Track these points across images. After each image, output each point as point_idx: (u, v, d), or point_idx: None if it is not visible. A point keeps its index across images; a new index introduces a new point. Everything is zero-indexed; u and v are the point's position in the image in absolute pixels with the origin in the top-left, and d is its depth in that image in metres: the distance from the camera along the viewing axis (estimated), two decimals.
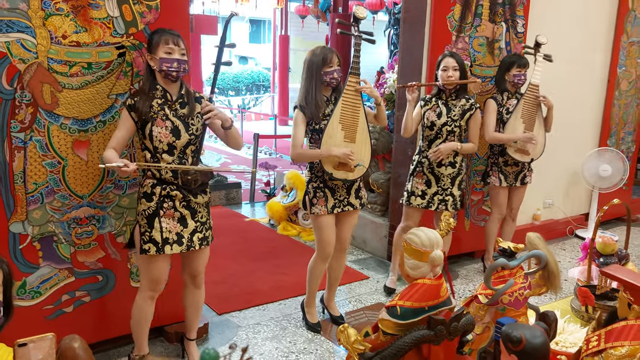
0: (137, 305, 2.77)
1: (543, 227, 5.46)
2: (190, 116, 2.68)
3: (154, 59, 2.59)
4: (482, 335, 1.69)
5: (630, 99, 6.10)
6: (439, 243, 1.52)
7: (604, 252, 2.28)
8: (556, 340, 2.00)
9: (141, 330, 2.82)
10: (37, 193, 2.70)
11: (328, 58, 3.14)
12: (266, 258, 4.82)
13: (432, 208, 3.84)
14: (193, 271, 2.88)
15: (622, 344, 1.49)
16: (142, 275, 2.75)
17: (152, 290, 2.74)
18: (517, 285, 1.67)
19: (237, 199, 6.91)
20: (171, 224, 2.65)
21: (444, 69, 3.71)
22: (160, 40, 2.58)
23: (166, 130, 2.60)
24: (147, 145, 2.63)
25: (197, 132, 2.72)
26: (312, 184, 3.29)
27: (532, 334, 1.30)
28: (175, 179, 2.65)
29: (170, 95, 2.65)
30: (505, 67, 4.14)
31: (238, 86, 19.91)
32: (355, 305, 3.93)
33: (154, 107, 2.60)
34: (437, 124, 3.75)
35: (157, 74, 2.62)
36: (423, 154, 3.83)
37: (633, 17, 5.80)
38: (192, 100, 2.72)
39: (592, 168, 5.41)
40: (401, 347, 1.38)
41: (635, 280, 1.51)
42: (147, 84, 2.63)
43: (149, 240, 2.62)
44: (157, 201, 2.62)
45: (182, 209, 2.68)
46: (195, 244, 2.74)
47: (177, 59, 2.59)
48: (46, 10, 2.58)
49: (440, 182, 3.83)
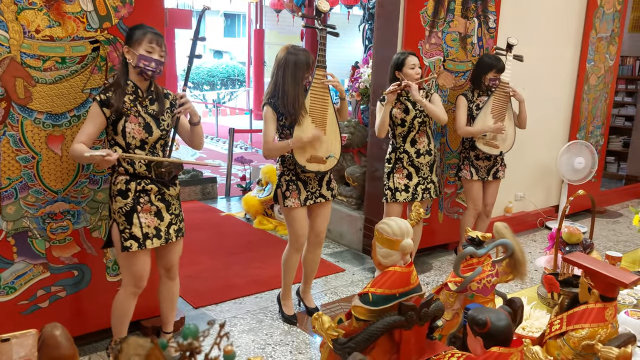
0: (119, 301, 2.77)
1: (514, 219, 5.57)
2: (160, 112, 2.69)
3: (132, 53, 2.57)
4: (452, 321, 1.75)
5: (598, 93, 6.25)
6: (409, 232, 1.57)
7: (569, 241, 2.36)
8: (523, 326, 2.07)
9: (122, 326, 2.82)
10: (10, 188, 2.68)
11: (311, 63, 3.18)
12: (242, 252, 4.84)
13: (418, 198, 3.92)
14: (168, 263, 2.89)
15: (583, 327, 1.56)
16: (125, 272, 2.74)
17: (136, 286, 2.75)
18: (485, 273, 1.73)
19: (212, 194, 6.90)
20: (149, 218, 2.66)
21: (412, 66, 3.77)
22: (143, 37, 2.56)
23: (139, 127, 2.61)
24: (118, 141, 2.62)
25: (168, 128, 2.74)
26: (284, 177, 3.32)
27: (497, 317, 1.36)
28: (149, 172, 2.66)
29: (141, 92, 2.65)
30: (484, 69, 4.16)
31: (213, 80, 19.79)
32: (331, 298, 3.98)
33: (126, 103, 2.59)
34: (408, 119, 3.82)
35: (131, 68, 2.61)
36: (399, 150, 3.89)
37: (601, 13, 5.93)
38: (161, 96, 2.72)
39: (567, 161, 5.52)
40: (373, 332, 1.43)
41: (594, 266, 1.58)
42: (122, 78, 2.62)
43: (129, 237, 2.62)
44: (133, 197, 2.62)
45: (157, 202, 2.70)
46: (172, 236, 2.77)
47: (156, 60, 2.59)
48: (19, 4, 2.56)
49: (420, 172, 3.91)
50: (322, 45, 3.24)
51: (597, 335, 1.54)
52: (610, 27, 6.12)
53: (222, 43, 23.53)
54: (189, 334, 0.85)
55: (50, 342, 0.96)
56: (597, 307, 1.58)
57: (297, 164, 3.22)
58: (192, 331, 0.86)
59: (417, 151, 3.87)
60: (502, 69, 4.14)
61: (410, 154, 3.87)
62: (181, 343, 0.86)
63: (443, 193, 4.80)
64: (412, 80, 3.73)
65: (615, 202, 7.03)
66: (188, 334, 0.85)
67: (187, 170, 7.02)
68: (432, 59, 4.46)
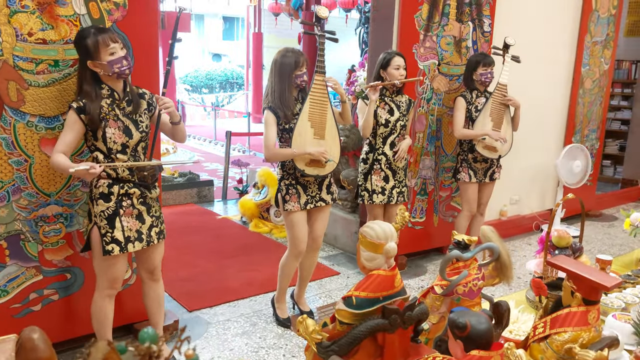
0: (96, 305, 2.75)
1: (510, 223, 5.58)
2: (136, 113, 2.66)
3: (100, 65, 2.49)
4: (438, 324, 1.75)
5: (594, 97, 6.26)
6: (393, 236, 1.58)
7: (559, 245, 2.37)
8: (510, 329, 2.08)
9: (104, 330, 2.80)
10: (3, 191, 2.68)
11: (300, 62, 3.20)
12: (237, 255, 4.85)
13: (392, 202, 3.93)
14: (150, 266, 2.88)
15: (565, 330, 1.57)
16: (101, 275, 2.70)
17: (111, 288, 2.73)
18: (471, 277, 1.74)
19: (209, 197, 6.91)
20: (131, 221, 2.66)
21: (397, 67, 3.78)
22: (98, 43, 2.47)
23: (119, 131, 2.58)
24: (99, 147, 2.58)
25: (147, 129, 2.72)
26: (284, 182, 3.33)
27: (477, 320, 1.36)
28: (132, 177, 2.65)
29: (117, 94, 2.60)
30: (471, 66, 4.24)
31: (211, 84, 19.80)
32: (326, 301, 3.98)
33: (104, 107, 2.55)
34: (392, 121, 3.83)
35: (104, 75, 2.54)
36: (378, 152, 3.90)
37: (596, 17, 5.95)
38: (137, 96, 2.69)
39: (566, 164, 5.51)
40: (356, 335, 1.43)
41: (576, 270, 1.59)
42: (92, 87, 2.53)
43: (111, 241, 2.60)
44: (115, 200, 2.60)
45: (139, 205, 2.69)
46: (153, 238, 2.77)
47: (123, 57, 2.53)
48: (11, 7, 2.57)
49: (397, 175, 3.94)
50: (321, 51, 3.26)
51: (579, 339, 1.54)
52: (605, 31, 6.13)
53: (221, 46, 23.56)
54: (147, 338, 0.86)
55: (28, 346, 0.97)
56: (580, 310, 1.58)
57: (296, 168, 3.24)
58: (150, 335, 0.86)
59: (394, 154, 3.89)
60: (490, 62, 4.16)
61: (388, 157, 3.89)
62: (139, 347, 0.86)
63: (438, 196, 4.81)
64: (395, 80, 3.76)
65: (611, 205, 7.03)
66: (146, 338, 0.85)
67: (183, 173, 7.03)
68: (427, 63, 4.47)
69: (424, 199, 4.73)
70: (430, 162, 4.68)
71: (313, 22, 3.32)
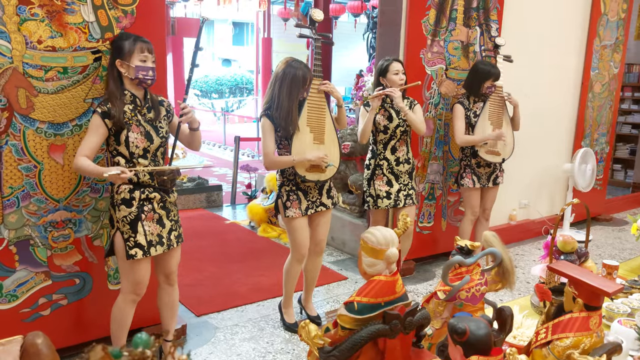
0: (118, 308, 2.79)
1: (519, 227, 5.56)
2: (157, 119, 2.74)
3: (127, 67, 2.61)
4: (441, 329, 1.76)
5: (603, 101, 6.23)
6: (395, 241, 1.58)
7: (564, 250, 2.36)
8: (514, 334, 2.08)
9: (121, 333, 2.83)
10: (13, 197, 2.72)
11: (308, 79, 3.19)
12: (245, 260, 4.87)
13: (400, 205, 3.92)
14: (168, 270, 2.92)
15: (567, 336, 1.57)
16: (126, 279, 2.75)
17: (135, 293, 2.77)
18: (474, 282, 1.74)
19: (218, 202, 6.94)
20: (152, 226, 2.70)
21: (396, 72, 3.78)
22: (134, 47, 2.60)
23: (141, 136, 2.65)
24: (121, 151, 2.64)
25: (167, 135, 2.79)
26: (284, 188, 3.34)
27: (476, 325, 1.37)
28: (152, 181, 2.70)
29: (139, 101, 2.68)
30: (482, 77, 4.15)
31: (221, 89, 19.89)
32: (334, 306, 3.98)
33: (126, 112, 2.63)
34: (391, 127, 3.83)
35: (127, 79, 2.64)
36: (380, 157, 3.90)
37: (605, 21, 5.93)
38: (157, 104, 2.77)
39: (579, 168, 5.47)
40: (357, 340, 1.44)
41: (578, 275, 1.58)
42: (117, 89, 2.63)
43: (134, 246, 2.64)
44: (137, 205, 2.65)
45: (159, 210, 2.74)
46: (173, 242, 2.81)
47: (152, 67, 2.64)
48: (21, 15, 2.61)
49: (400, 179, 3.92)
50: (317, 55, 3.27)
51: (581, 344, 1.54)
52: (614, 34, 6.11)
53: (231, 51, 23.66)
54: (140, 343, 0.87)
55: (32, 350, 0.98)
56: (581, 316, 1.58)
57: (297, 174, 3.24)
58: (143, 340, 0.87)
59: (396, 159, 3.88)
60: (498, 76, 4.14)
61: (390, 162, 3.88)
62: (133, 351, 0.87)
63: (446, 201, 4.81)
64: (395, 86, 3.75)
65: (622, 209, 6.99)
66: (139, 343, 0.87)
67: (193, 178, 7.07)
68: (434, 68, 4.48)
69: (432, 204, 4.73)
70: (438, 166, 4.68)
71: (308, 26, 3.32)
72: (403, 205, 3.94)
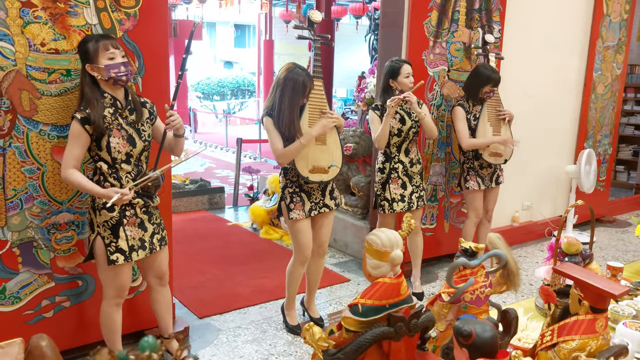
0: (105, 314, 2.76)
1: (522, 229, 5.55)
2: (139, 122, 2.67)
3: (97, 69, 2.50)
4: (446, 332, 1.75)
5: (606, 102, 6.22)
6: (399, 243, 1.58)
7: (568, 251, 2.35)
8: (518, 337, 2.07)
9: (114, 337, 2.81)
10: (16, 199, 2.72)
11: (308, 87, 3.17)
12: (248, 262, 4.86)
13: (413, 207, 3.92)
14: (159, 272, 2.90)
15: (573, 338, 1.56)
16: (108, 285, 2.71)
17: (119, 297, 2.75)
18: (479, 284, 1.73)
19: (220, 204, 6.94)
20: (134, 230, 2.67)
21: (407, 75, 3.76)
22: (98, 47, 2.49)
23: (123, 140, 2.58)
24: (103, 156, 2.57)
25: (149, 138, 2.73)
26: (287, 190, 3.34)
27: (482, 328, 1.36)
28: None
29: (119, 103, 2.60)
30: (482, 81, 4.13)
31: (223, 91, 19.90)
32: (336, 308, 3.98)
33: (107, 117, 2.54)
34: (404, 130, 3.82)
35: (102, 82, 2.54)
36: (394, 160, 3.89)
37: (608, 22, 5.92)
38: (139, 105, 2.70)
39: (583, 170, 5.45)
40: (362, 343, 1.44)
41: (583, 277, 1.58)
42: (92, 92, 2.53)
43: (115, 251, 2.61)
44: (119, 210, 2.61)
45: (141, 214, 2.71)
46: (156, 245, 2.78)
47: (122, 63, 2.53)
48: (24, 18, 2.61)
49: (413, 181, 3.93)
50: (316, 56, 3.27)
51: (587, 347, 1.53)
52: (617, 35, 6.10)
53: (232, 53, 23.69)
54: (147, 346, 0.87)
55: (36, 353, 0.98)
56: (587, 318, 1.57)
57: (299, 176, 3.24)
58: (150, 344, 0.87)
59: (410, 160, 3.89)
60: (498, 81, 4.12)
61: (405, 164, 3.87)
62: (139, 355, 0.87)
63: (449, 203, 4.80)
64: (406, 88, 3.74)
65: (625, 211, 6.98)
66: (146, 346, 0.87)
67: (195, 180, 7.07)
68: (437, 69, 4.47)
69: (435, 206, 4.72)
70: (440, 168, 4.68)
71: (307, 27, 3.32)
72: (416, 207, 3.94)
